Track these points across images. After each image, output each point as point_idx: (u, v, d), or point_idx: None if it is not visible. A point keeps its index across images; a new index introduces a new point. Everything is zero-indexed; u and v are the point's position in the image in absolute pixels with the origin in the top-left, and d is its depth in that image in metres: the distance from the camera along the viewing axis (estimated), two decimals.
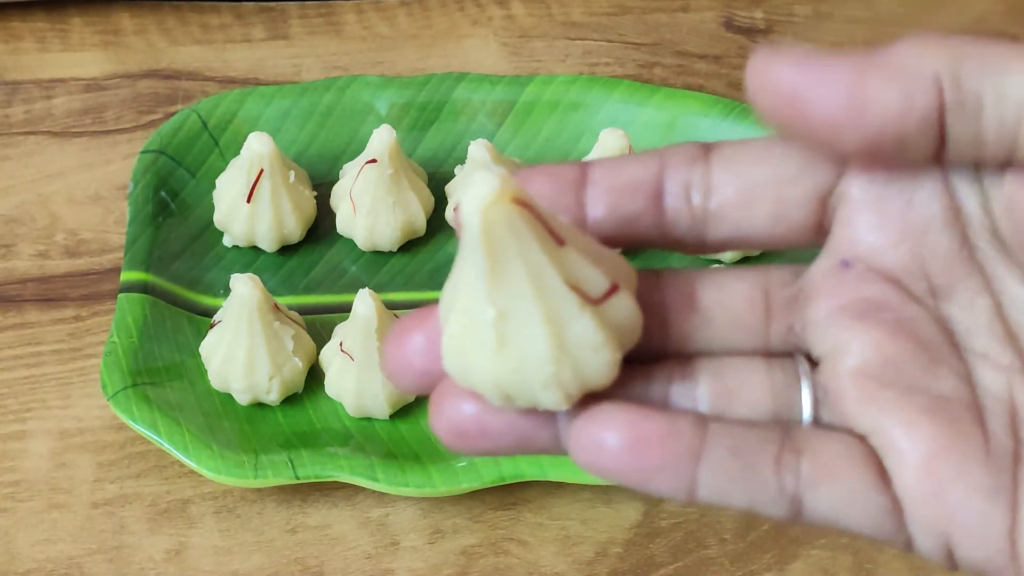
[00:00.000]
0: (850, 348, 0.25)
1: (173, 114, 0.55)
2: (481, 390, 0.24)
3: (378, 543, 0.45)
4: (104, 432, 0.47)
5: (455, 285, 0.24)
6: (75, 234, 0.53)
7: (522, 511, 0.46)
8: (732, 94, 0.59)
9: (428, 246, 0.52)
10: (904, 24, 0.62)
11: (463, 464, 0.45)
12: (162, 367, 0.47)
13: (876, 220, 0.25)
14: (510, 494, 0.46)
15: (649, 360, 0.26)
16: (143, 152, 0.52)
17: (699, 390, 0.26)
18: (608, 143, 0.50)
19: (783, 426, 0.25)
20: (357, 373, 0.46)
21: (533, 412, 0.25)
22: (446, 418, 0.25)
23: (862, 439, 0.25)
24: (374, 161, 0.50)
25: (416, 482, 0.44)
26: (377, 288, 0.49)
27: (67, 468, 0.46)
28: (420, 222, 0.51)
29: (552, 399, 0.24)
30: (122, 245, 0.52)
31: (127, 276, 0.49)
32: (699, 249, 0.27)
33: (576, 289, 0.24)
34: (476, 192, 0.22)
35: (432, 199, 0.52)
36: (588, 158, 0.51)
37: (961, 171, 0.25)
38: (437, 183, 0.53)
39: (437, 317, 0.25)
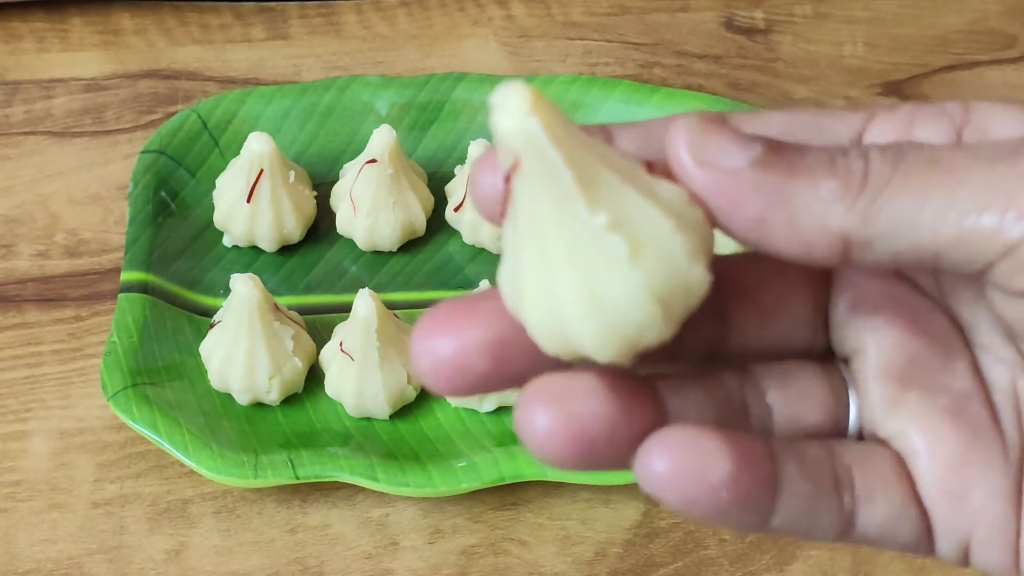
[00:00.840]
0: (869, 349, 0.25)
1: (173, 114, 0.55)
2: (608, 338, 0.21)
3: (378, 543, 0.45)
4: (104, 432, 0.47)
5: (520, 243, 0.21)
6: (75, 234, 0.53)
7: (522, 511, 0.46)
8: (732, 94, 0.59)
9: (428, 246, 0.52)
10: (904, 24, 0.62)
11: (463, 464, 0.45)
12: (162, 367, 0.47)
13: None
14: (510, 494, 0.46)
15: (702, 361, 0.25)
16: (143, 152, 0.53)
17: (769, 398, 0.25)
18: None
19: (824, 442, 0.24)
20: (357, 373, 0.46)
21: (644, 407, 0.23)
22: (545, 431, 0.22)
23: (885, 443, 0.25)
24: (374, 161, 0.50)
25: (416, 482, 0.44)
26: (377, 288, 0.49)
27: (67, 468, 0.47)
28: (420, 222, 0.51)
29: (701, 273, 0.22)
30: (122, 245, 0.52)
31: (127, 276, 0.49)
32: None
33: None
34: (514, 102, 0.20)
35: (432, 199, 0.52)
36: None
37: None
38: (437, 183, 0.53)
39: (467, 313, 0.23)
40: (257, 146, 0.49)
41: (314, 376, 0.48)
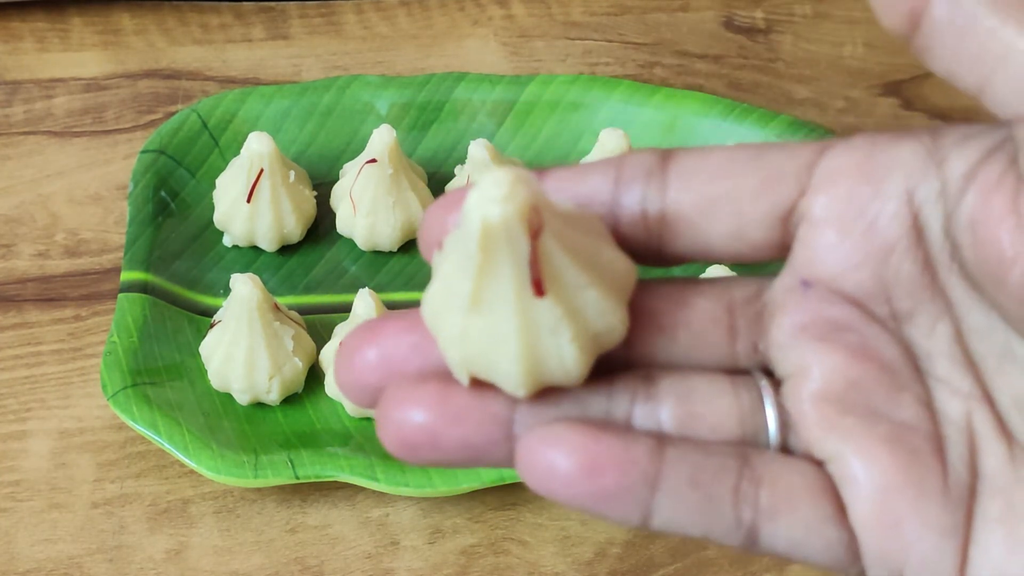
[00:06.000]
0: (811, 371, 0.25)
1: (173, 114, 0.55)
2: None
3: (378, 543, 0.45)
4: (104, 432, 0.47)
5: (463, 285, 0.23)
6: (75, 234, 0.53)
7: (522, 511, 0.46)
8: (732, 94, 0.59)
9: None
10: None
11: None
12: (162, 367, 0.47)
13: (837, 241, 0.25)
14: (510, 494, 0.46)
15: (610, 371, 0.25)
16: (143, 152, 0.53)
17: (663, 412, 0.25)
18: (608, 143, 0.50)
19: (741, 452, 0.24)
20: None
21: (487, 425, 0.24)
22: (394, 429, 0.24)
23: (820, 466, 0.24)
24: (374, 161, 0.50)
25: (416, 482, 0.44)
26: (377, 288, 0.49)
27: (67, 468, 0.47)
28: (420, 222, 0.51)
29: (622, 332, 0.24)
30: (122, 245, 0.52)
31: (127, 276, 0.49)
32: (658, 262, 0.26)
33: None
34: (507, 193, 0.22)
35: (432, 199, 0.52)
36: (588, 159, 0.51)
37: (926, 187, 0.24)
38: (437, 183, 0.53)
39: (388, 330, 0.25)
40: (257, 146, 0.49)
41: (314, 376, 0.48)
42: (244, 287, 0.45)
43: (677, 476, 0.23)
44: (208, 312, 0.50)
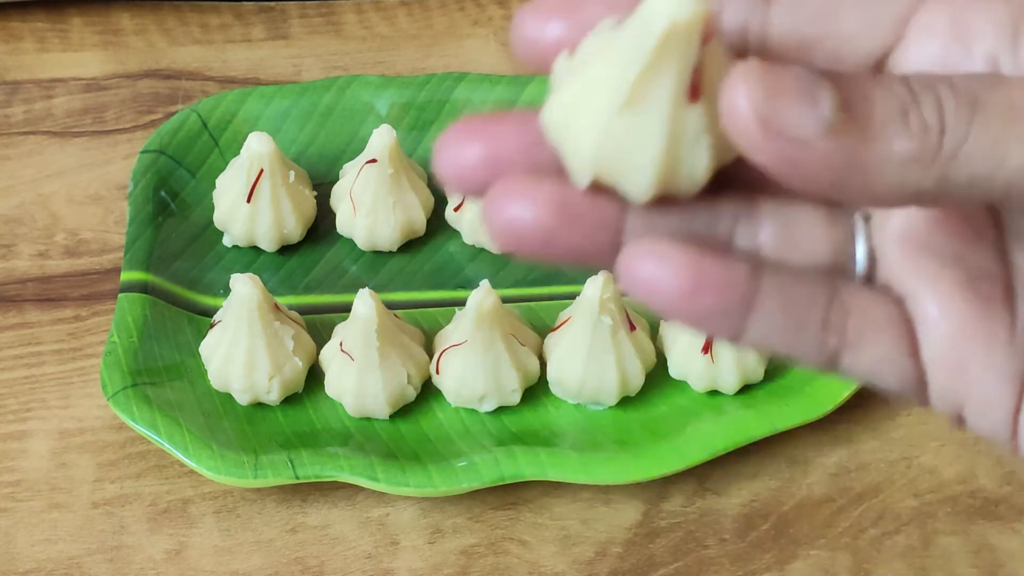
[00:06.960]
0: (894, 210, 0.25)
1: (173, 114, 0.55)
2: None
3: (378, 543, 0.45)
4: (104, 432, 0.47)
5: (602, 87, 0.24)
6: (75, 234, 0.53)
7: (522, 511, 0.46)
8: None
9: (428, 246, 0.52)
10: None
11: (463, 464, 0.45)
12: (162, 367, 0.47)
13: None
14: (510, 494, 0.46)
15: (714, 189, 0.26)
16: (143, 152, 0.53)
17: (762, 234, 0.26)
18: None
19: (831, 282, 0.25)
20: (357, 373, 0.46)
21: (598, 229, 0.25)
22: (505, 222, 0.24)
23: (899, 302, 0.25)
24: (374, 161, 0.50)
25: (416, 482, 0.44)
26: (377, 288, 0.49)
27: (67, 468, 0.47)
28: (420, 222, 0.51)
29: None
30: (122, 245, 0.52)
31: (127, 276, 0.49)
32: None
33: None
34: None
35: (432, 199, 0.52)
36: None
37: (1006, 57, 0.25)
38: (437, 183, 0.53)
39: (498, 128, 0.25)
40: (257, 146, 0.49)
41: (314, 376, 0.48)
42: (244, 287, 0.45)
43: (771, 301, 0.24)
44: (208, 312, 0.50)
